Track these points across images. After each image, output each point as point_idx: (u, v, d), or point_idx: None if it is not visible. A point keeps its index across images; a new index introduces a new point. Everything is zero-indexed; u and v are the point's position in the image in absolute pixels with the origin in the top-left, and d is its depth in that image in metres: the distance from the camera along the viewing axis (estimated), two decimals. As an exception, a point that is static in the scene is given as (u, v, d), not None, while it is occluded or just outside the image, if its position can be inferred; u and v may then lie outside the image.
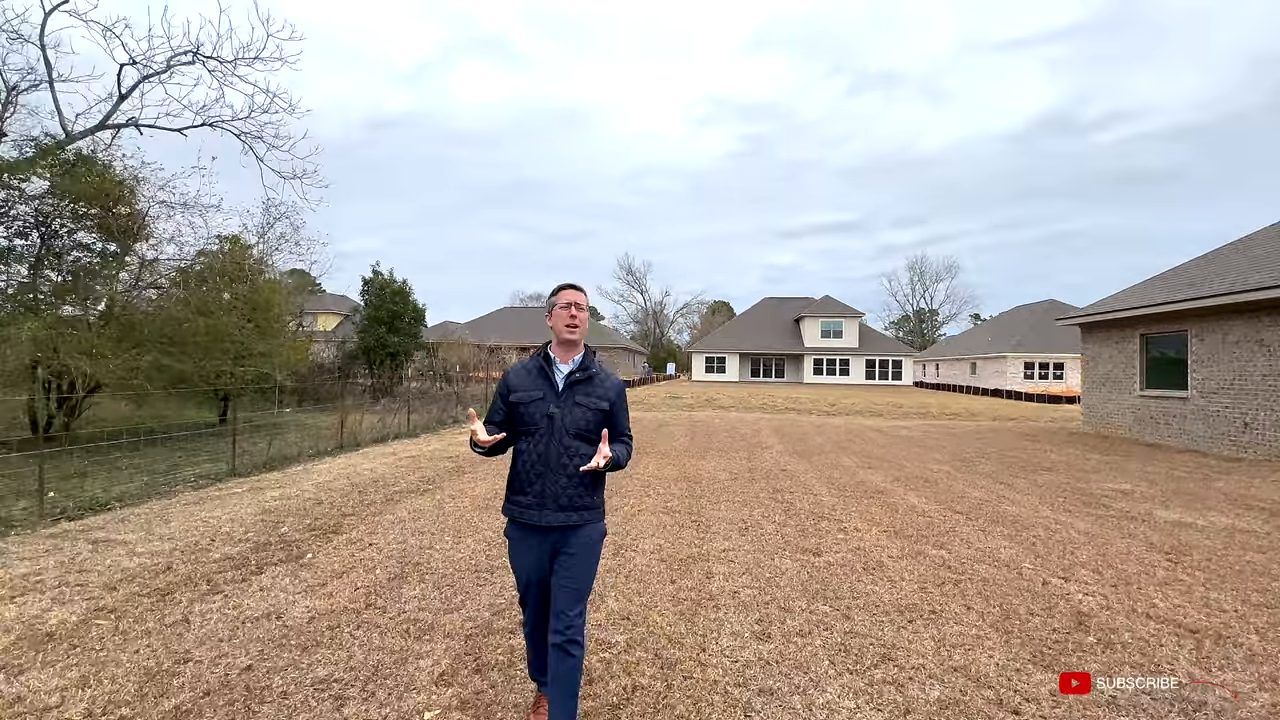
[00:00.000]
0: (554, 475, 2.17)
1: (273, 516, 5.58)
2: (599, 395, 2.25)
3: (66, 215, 10.71)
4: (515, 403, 2.23)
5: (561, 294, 2.28)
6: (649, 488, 7.06)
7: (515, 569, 2.30)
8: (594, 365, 2.31)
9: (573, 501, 2.19)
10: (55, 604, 3.51)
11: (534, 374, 2.28)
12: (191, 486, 7.01)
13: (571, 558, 2.19)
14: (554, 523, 2.17)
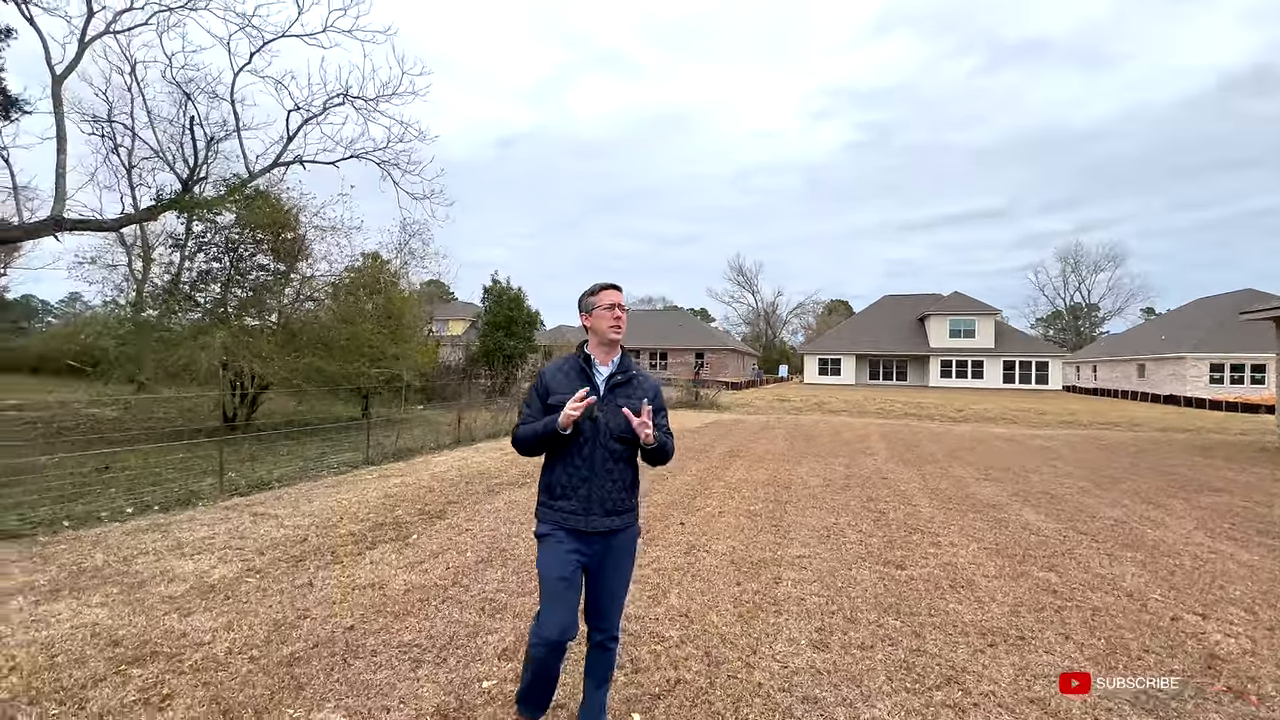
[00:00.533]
0: (599, 480, 2.16)
1: (391, 501, 6.31)
2: (638, 397, 2.22)
3: (249, 241, 12.80)
4: (555, 405, 2.17)
5: (603, 294, 2.25)
6: (735, 491, 7.02)
7: (547, 574, 2.14)
8: (632, 366, 2.31)
9: (617, 505, 2.20)
10: (220, 563, 4.28)
11: (573, 376, 2.25)
12: (334, 472, 8.09)
13: (617, 564, 2.23)
14: (600, 528, 2.16)
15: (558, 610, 2.09)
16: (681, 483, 7.46)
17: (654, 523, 5.53)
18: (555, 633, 2.07)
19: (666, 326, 47.25)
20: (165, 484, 6.97)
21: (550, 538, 2.18)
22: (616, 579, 2.25)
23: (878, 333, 46.85)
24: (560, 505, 2.18)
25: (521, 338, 21.39)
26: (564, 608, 2.09)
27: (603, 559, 2.20)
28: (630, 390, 2.25)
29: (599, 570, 2.21)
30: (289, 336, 11.11)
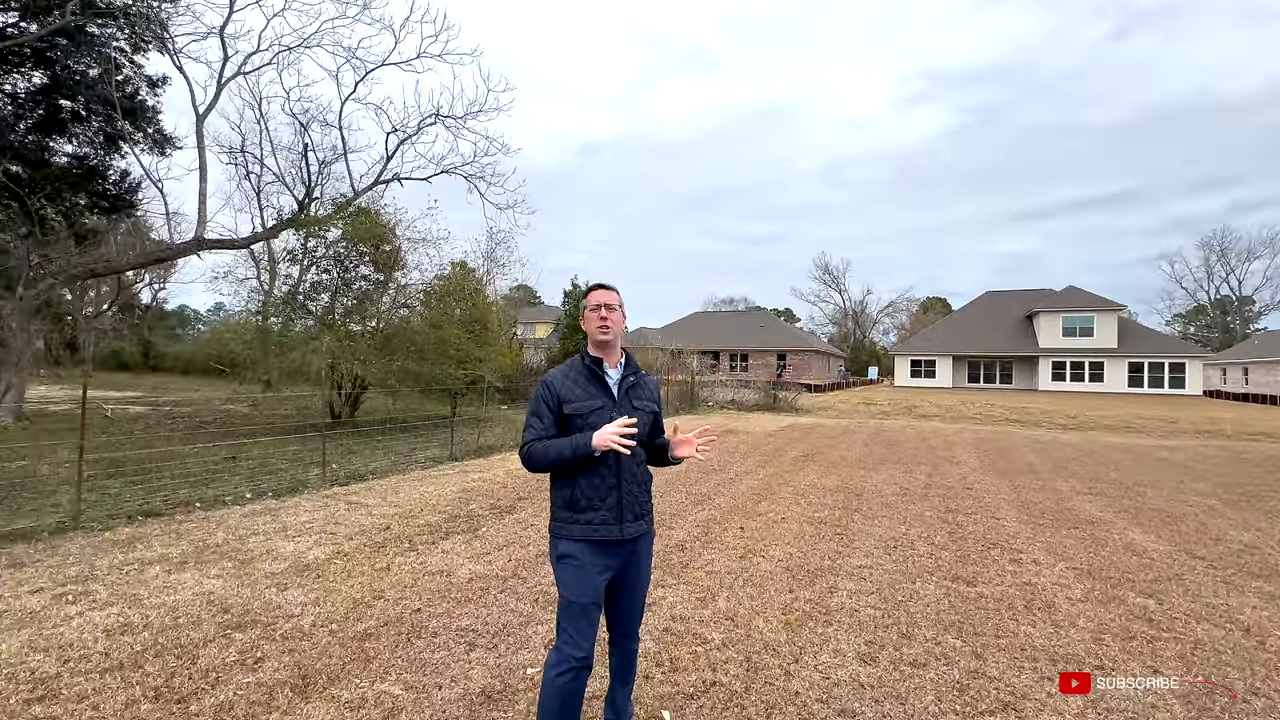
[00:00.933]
0: (629, 485, 2.11)
1: (467, 495, 6.73)
2: (648, 398, 2.25)
3: (353, 255, 14.07)
4: (572, 414, 2.08)
5: (591, 295, 2.20)
6: (802, 496, 6.86)
7: (572, 594, 2.02)
8: (637, 367, 2.28)
9: (643, 509, 2.16)
10: (315, 545, 4.78)
11: (584, 381, 2.15)
12: (421, 466, 8.72)
13: (640, 568, 2.19)
14: (632, 534, 2.10)
15: (584, 631, 1.99)
16: (747, 487, 7.38)
17: (713, 526, 5.54)
18: (583, 653, 1.97)
19: (747, 327, 46.56)
20: (279, 473, 7.83)
21: (573, 558, 2.05)
22: (640, 583, 2.21)
23: (978, 331, 43.56)
24: (588, 517, 2.06)
25: (599, 340, 21.92)
26: (590, 629, 2.01)
27: (628, 565, 2.15)
28: (640, 392, 2.24)
29: (624, 576, 2.15)
30: (384, 340, 12.09)
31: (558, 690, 1.95)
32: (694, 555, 4.67)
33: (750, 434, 13.41)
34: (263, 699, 2.57)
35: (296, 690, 2.65)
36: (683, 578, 4.17)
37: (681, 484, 7.48)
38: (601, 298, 2.17)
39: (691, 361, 24.32)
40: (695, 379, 20.52)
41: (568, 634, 1.98)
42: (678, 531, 5.32)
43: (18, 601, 3.53)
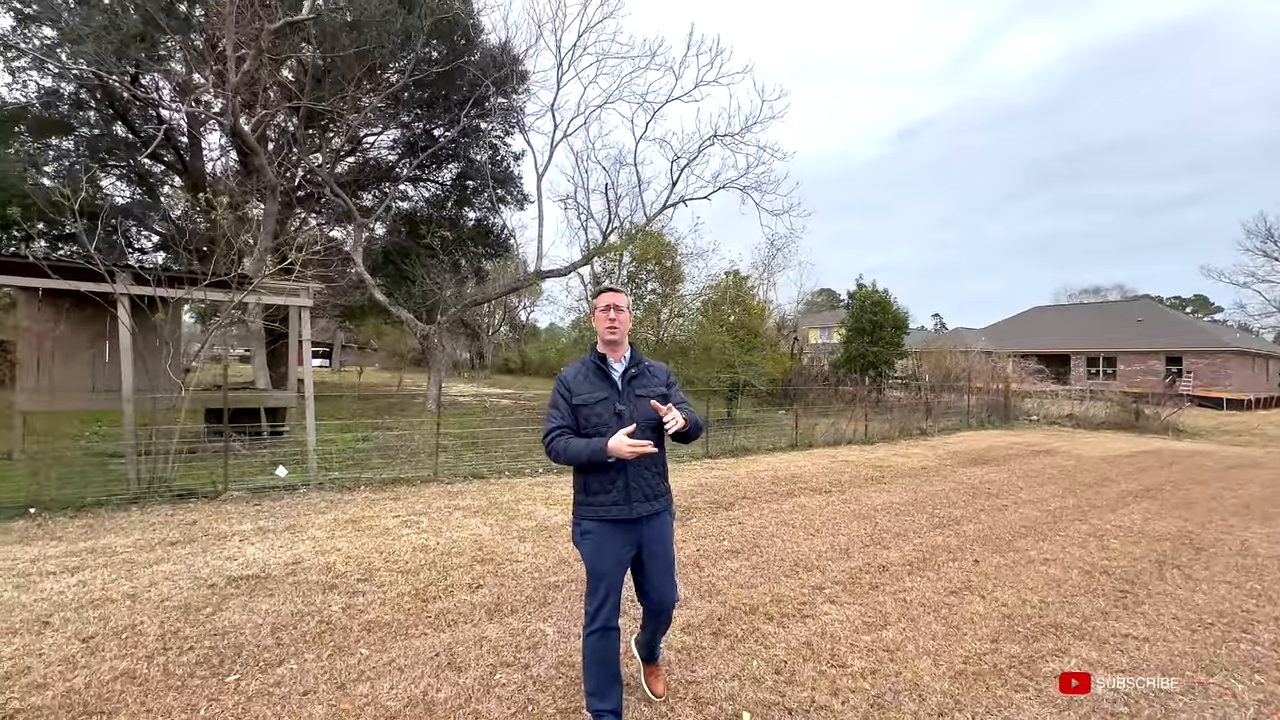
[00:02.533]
0: (636, 469, 2.28)
1: (699, 489, 7.20)
2: (654, 384, 2.37)
3: (643, 273, 16.20)
4: (579, 405, 2.30)
5: (601, 297, 2.40)
6: (1097, 539, 5.29)
7: (596, 568, 2.28)
8: (642, 359, 2.46)
9: (654, 490, 2.35)
10: (562, 513, 5.87)
11: (590, 376, 2.35)
12: (675, 460, 9.60)
13: (660, 546, 2.36)
14: (642, 513, 2.29)
15: (607, 597, 2.26)
16: (1016, 517, 6.03)
17: (938, 553, 4.78)
18: (604, 619, 2.25)
19: (1117, 323, 35.94)
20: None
21: (591, 534, 2.29)
22: (661, 559, 2.37)
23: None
24: (600, 500, 2.28)
25: (889, 343, 20.06)
26: (611, 595, 2.27)
27: (645, 543, 2.33)
28: (645, 380, 2.38)
29: (645, 553, 2.35)
30: (658, 346, 13.58)
31: (590, 648, 2.27)
32: (892, 579, 4.17)
33: (1074, 457, 10.58)
34: (466, 613, 3.46)
35: (488, 612, 3.47)
36: (861, 598, 3.80)
37: (932, 505, 6.54)
38: (610, 300, 2.37)
39: (1005, 366, 20.16)
40: (1010, 387, 16.95)
41: (593, 599, 2.27)
42: (890, 553, 4.78)
43: (380, 522, 5.39)
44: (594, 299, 2.46)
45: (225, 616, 3.32)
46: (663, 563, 2.38)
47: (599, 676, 2.27)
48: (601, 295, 2.40)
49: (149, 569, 4.02)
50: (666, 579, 2.40)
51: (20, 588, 3.67)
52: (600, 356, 2.38)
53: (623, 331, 2.36)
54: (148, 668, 2.75)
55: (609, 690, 2.28)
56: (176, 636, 3.07)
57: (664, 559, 2.38)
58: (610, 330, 2.34)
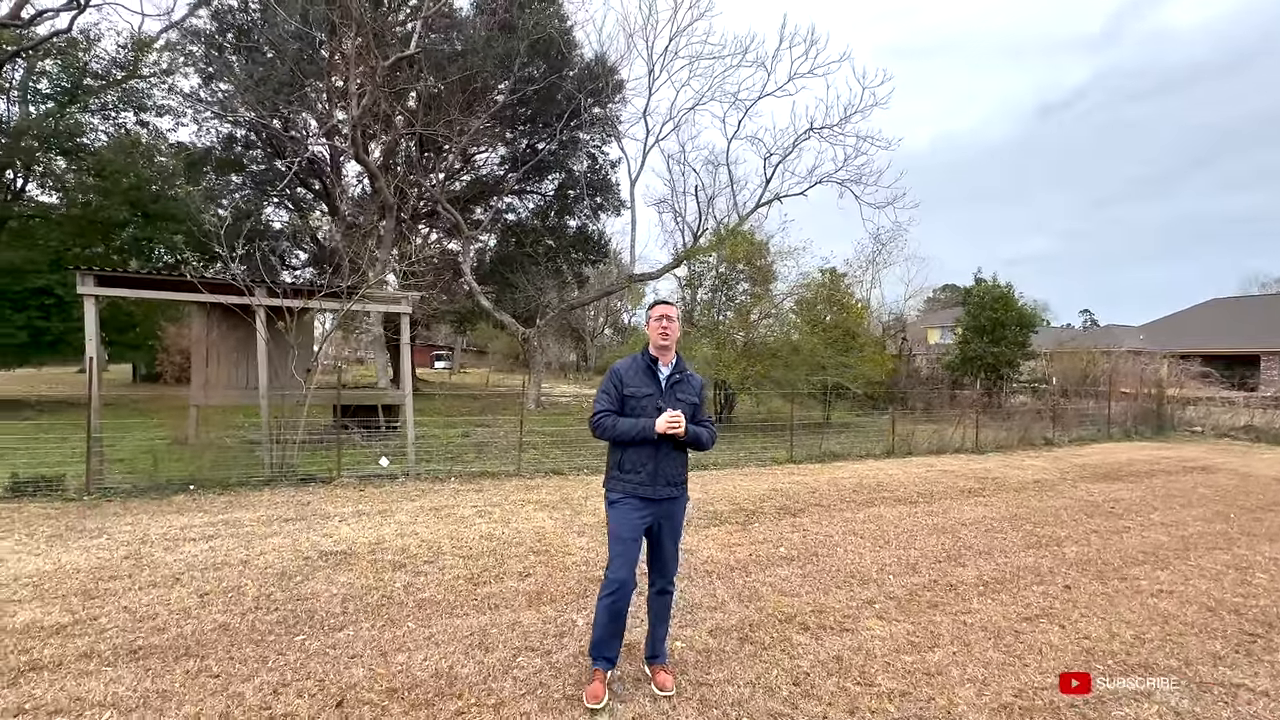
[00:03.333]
0: (663, 458, 2.65)
1: (773, 494, 7.01)
2: (690, 393, 2.75)
3: (733, 273, 16.00)
4: (628, 395, 2.67)
5: (655, 308, 2.76)
6: (1241, 570, 4.48)
7: (618, 533, 2.63)
8: (686, 367, 2.81)
9: (675, 478, 2.70)
10: (624, 511, 6.01)
11: (642, 373, 2.71)
12: (758, 464, 9.40)
13: (673, 526, 2.73)
14: (663, 495, 2.66)
15: (625, 560, 2.60)
16: (1137, 542, 5.25)
17: (1020, 574, 4.31)
18: (623, 574, 2.58)
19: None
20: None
21: (620, 504, 2.67)
22: (672, 538, 2.74)
23: None
24: (630, 477, 2.66)
25: (1012, 343, 18.12)
26: (629, 559, 2.62)
27: (661, 521, 2.69)
28: (684, 387, 2.76)
29: (659, 530, 2.70)
30: (744, 348, 13.33)
31: (605, 607, 2.61)
32: (958, 599, 3.83)
33: (1239, 476, 8.93)
34: (509, 599, 3.68)
35: (529, 600, 3.67)
36: (915, 616, 3.54)
37: (1033, 522, 5.89)
38: (663, 310, 2.75)
39: (1159, 368, 17.35)
40: (1165, 393, 14.56)
41: (614, 561, 2.62)
42: (964, 570, 4.38)
43: (458, 511, 5.83)
44: (649, 309, 2.81)
45: (309, 585, 3.80)
46: (672, 540, 2.75)
47: (606, 628, 2.63)
48: (655, 306, 2.77)
49: (262, 541, 4.69)
50: (673, 551, 2.76)
51: (167, 549, 4.44)
52: (652, 359, 2.73)
53: (672, 338, 2.71)
54: (240, 622, 3.24)
55: (610, 642, 2.66)
56: (268, 599, 3.57)
57: (673, 532, 2.75)
58: (662, 336, 2.69)
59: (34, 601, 3.46)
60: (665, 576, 2.75)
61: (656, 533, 2.71)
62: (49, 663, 2.77)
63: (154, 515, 5.39)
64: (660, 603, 2.77)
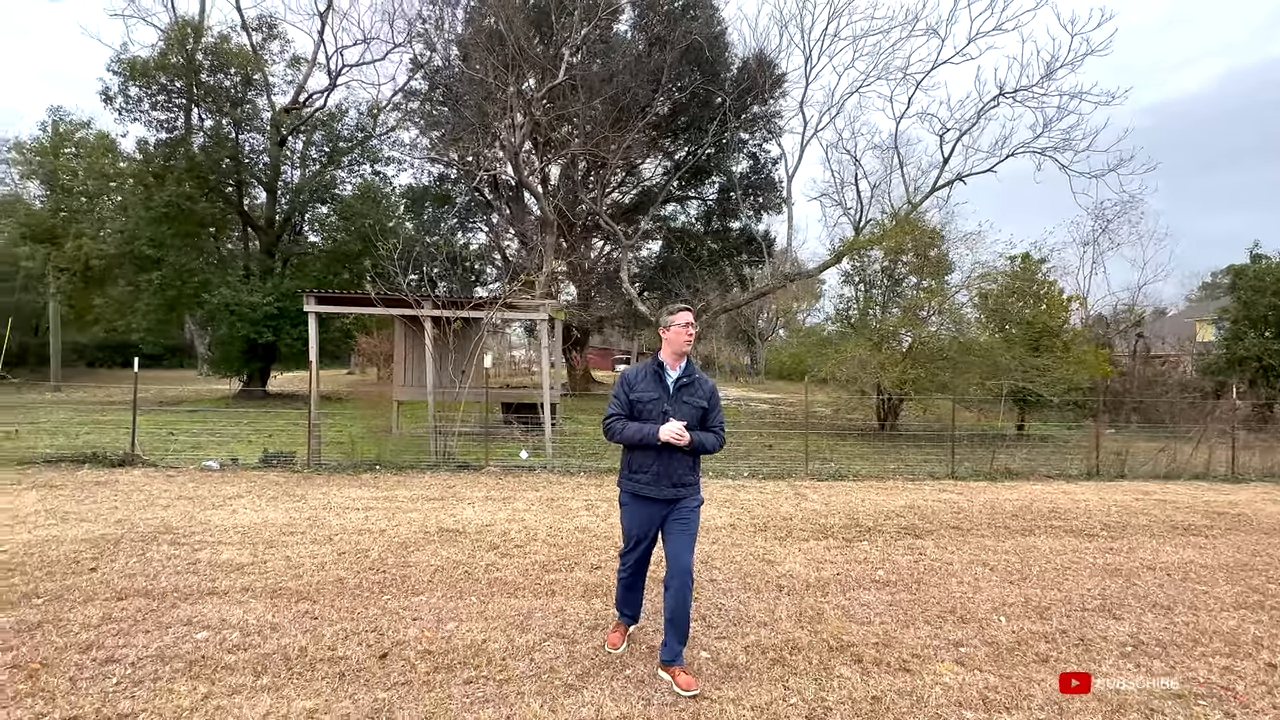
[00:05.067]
0: (668, 460, 2.71)
1: (905, 510, 6.25)
2: (699, 396, 2.78)
3: (900, 266, 14.51)
4: (635, 400, 2.77)
5: (679, 315, 2.79)
6: None
7: (628, 529, 2.86)
8: (695, 371, 2.83)
9: (682, 479, 2.75)
10: (722, 514, 5.87)
11: (649, 378, 2.79)
12: (908, 478, 8.41)
13: (683, 524, 2.76)
14: (668, 496, 2.73)
15: (635, 554, 2.89)
16: None
17: (1211, 640, 3.28)
18: (632, 563, 2.91)
19: None
20: (780, 462, 9.36)
21: (629, 505, 2.83)
22: (683, 535, 2.75)
23: None
24: (637, 477, 2.77)
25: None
26: (639, 552, 2.88)
27: (671, 518, 2.77)
28: (693, 390, 2.78)
29: (669, 528, 2.77)
30: (913, 350, 11.95)
31: (622, 585, 3.03)
32: (1086, 655, 3.07)
33: None
34: (570, 588, 3.87)
35: (586, 591, 3.82)
36: (1008, 670, 2.93)
37: (1268, 574, 4.42)
38: (688, 318, 2.80)
39: None
40: None
41: (625, 554, 2.92)
42: (1117, 626, 3.48)
43: (569, 504, 6.23)
44: (670, 315, 2.81)
45: (417, 555, 4.42)
46: (683, 532, 2.75)
47: (625, 597, 3.04)
48: (679, 314, 2.79)
49: (404, 515, 5.55)
50: (684, 544, 2.74)
51: (336, 515, 5.50)
52: (659, 364, 2.82)
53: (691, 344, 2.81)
54: (353, 579, 3.91)
55: (628, 603, 3.06)
56: (382, 562, 4.24)
57: (684, 531, 2.76)
58: (687, 344, 2.78)
59: (236, 545, 4.56)
60: (677, 572, 2.71)
61: (666, 530, 2.78)
62: (221, 590, 3.66)
63: (341, 487, 6.69)
64: (677, 601, 2.69)
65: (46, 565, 4.01)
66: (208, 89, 15.03)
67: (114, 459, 7.61)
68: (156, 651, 2.88)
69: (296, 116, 17.61)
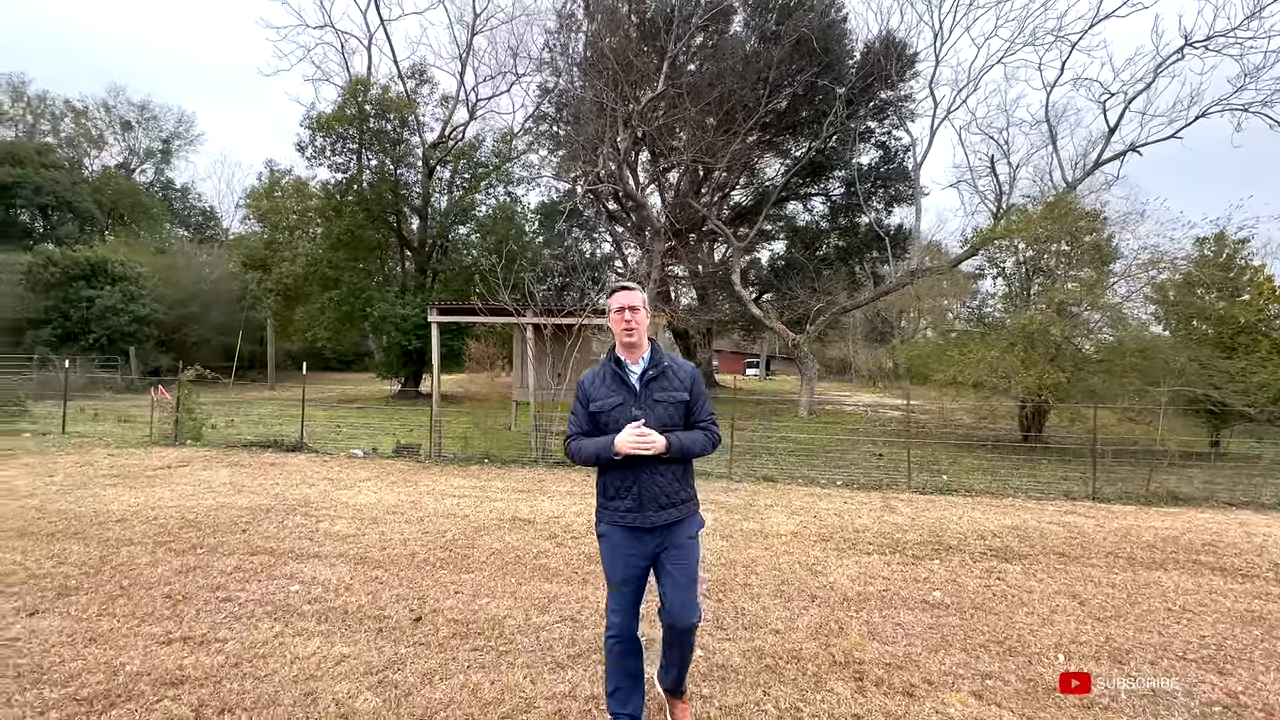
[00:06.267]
0: (649, 476, 2.17)
1: (1003, 531, 5.59)
2: (675, 387, 2.23)
3: (1050, 254, 12.75)
4: (596, 411, 2.24)
5: (614, 297, 2.25)
6: None
7: (611, 574, 2.26)
8: (664, 358, 2.28)
9: (670, 498, 2.20)
10: (792, 521, 5.70)
11: (608, 380, 2.27)
12: (1033, 496, 7.44)
13: (679, 555, 2.22)
14: (657, 522, 2.19)
15: (621, 606, 2.24)
16: None
17: None
18: (617, 628, 2.22)
19: None
20: (883, 472, 8.75)
21: (607, 538, 2.27)
22: (680, 570, 2.20)
23: None
24: (616, 505, 2.23)
25: None
26: (627, 606, 2.24)
27: (664, 550, 2.22)
28: (665, 382, 2.24)
29: (661, 570, 2.23)
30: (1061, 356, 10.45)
31: (608, 654, 2.29)
32: (1143, 710, 2.62)
33: None
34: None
35: (616, 583, 4.02)
36: (1031, 708, 2.61)
37: None
38: (624, 300, 2.22)
39: None
40: None
41: (610, 604, 2.27)
42: (1222, 679, 2.90)
43: (636, 499, 6.45)
44: (608, 298, 2.30)
45: (484, 539, 4.93)
46: (681, 577, 2.22)
47: (618, 679, 2.28)
48: (615, 295, 2.26)
49: (490, 504, 6.17)
50: (684, 594, 2.21)
51: (435, 500, 6.27)
52: (617, 360, 2.28)
53: (640, 332, 2.24)
54: (425, 554, 4.49)
55: (629, 695, 2.28)
56: (454, 543, 4.80)
57: (683, 572, 2.22)
58: (627, 333, 2.23)
59: (348, 519, 5.43)
60: (675, 619, 2.22)
61: (659, 571, 2.25)
62: (322, 555, 4.43)
63: (449, 477, 7.57)
64: (673, 642, 2.30)
65: (214, 525, 5.13)
66: (373, 134, 17.68)
67: (288, 445, 9.31)
68: (260, 596, 3.61)
69: (443, 149, 19.99)
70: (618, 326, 2.24)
